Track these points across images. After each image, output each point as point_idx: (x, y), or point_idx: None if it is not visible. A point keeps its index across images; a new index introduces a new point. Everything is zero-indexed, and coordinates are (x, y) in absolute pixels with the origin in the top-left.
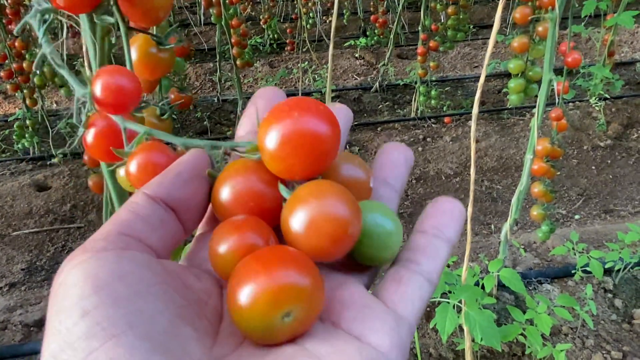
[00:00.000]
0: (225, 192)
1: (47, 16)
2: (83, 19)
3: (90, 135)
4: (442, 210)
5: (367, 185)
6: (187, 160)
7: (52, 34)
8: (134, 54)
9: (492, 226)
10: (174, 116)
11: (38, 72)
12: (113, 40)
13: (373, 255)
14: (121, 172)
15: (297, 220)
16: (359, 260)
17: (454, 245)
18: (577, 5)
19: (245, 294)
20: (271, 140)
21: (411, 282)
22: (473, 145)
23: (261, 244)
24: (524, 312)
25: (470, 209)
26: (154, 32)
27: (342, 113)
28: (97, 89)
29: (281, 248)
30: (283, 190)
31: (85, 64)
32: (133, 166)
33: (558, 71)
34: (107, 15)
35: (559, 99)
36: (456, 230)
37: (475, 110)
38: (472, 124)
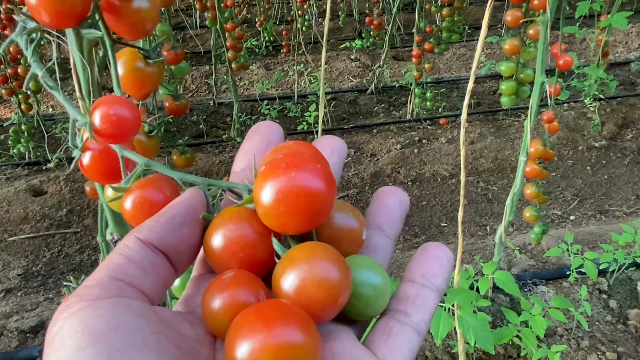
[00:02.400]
0: (217, 240)
1: (34, 35)
2: (69, 33)
3: (86, 158)
4: (430, 258)
5: (359, 236)
6: (182, 203)
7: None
8: (121, 69)
9: (488, 227)
10: (169, 119)
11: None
12: (101, 53)
13: (360, 313)
14: (108, 192)
15: (288, 284)
16: (346, 315)
17: (443, 292)
18: (568, 9)
19: (244, 350)
20: (266, 195)
21: (400, 334)
22: (463, 151)
23: (253, 300)
24: (519, 314)
25: (460, 213)
26: (141, 45)
27: (336, 147)
28: (97, 119)
29: (280, 303)
30: (276, 245)
31: (74, 76)
32: (128, 203)
33: (550, 72)
34: (93, 29)
35: (551, 101)
36: (445, 277)
37: (464, 116)
38: (462, 128)
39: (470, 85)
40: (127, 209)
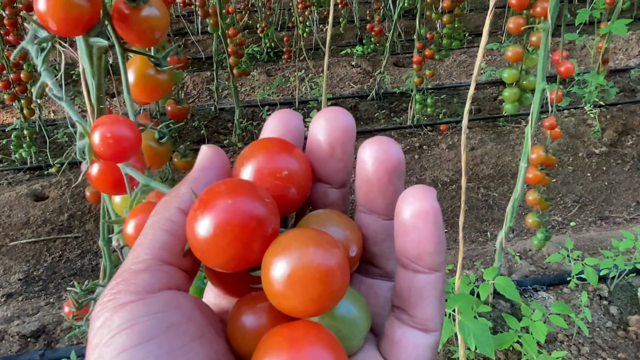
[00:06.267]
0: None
1: (45, 45)
2: (79, 40)
3: (94, 170)
4: (407, 229)
5: (346, 252)
6: (211, 165)
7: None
8: (131, 77)
9: (489, 233)
10: (174, 125)
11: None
12: (110, 60)
13: None
14: (116, 198)
15: (278, 273)
16: None
17: (442, 265)
18: (569, 16)
19: None
20: (200, 230)
21: (403, 342)
22: (464, 158)
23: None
24: (520, 320)
25: (461, 219)
26: (152, 53)
27: (336, 136)
28: (96, 139)
29: (306, 324)
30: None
31: (82, 84)
32: (131, 228)
33: (552, 79)
34: (101, 36)
35: (552, 107)
36: (435, 248)
37: (464, 122)
38: (462, 135)
39: (471, 91)
40: (129, 234)
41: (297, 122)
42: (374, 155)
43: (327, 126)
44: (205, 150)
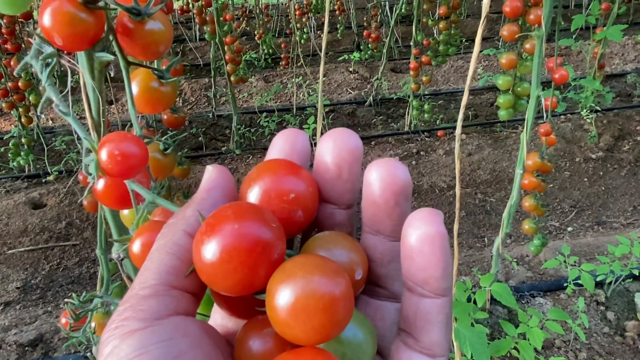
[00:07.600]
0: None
1: (50, 60)
2: (80, 54)
3: (100, 185)
4: (413, 254)
5: (351, 275)
6: (217, 186)
7: None
8: (135, 89)
9: (486, 239)
10: (174, 133)
11: (34, 87)
12: (112, 73)
13: None
14: (124, 211)
15: (283, 300)
16: None
17: (449, 289)
18: (562, 23)
19: None
20: (206, 254)
21: None
22: (457, 165)
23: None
24: (517, 326)
25: (456, 226)
26: (154, 66)
27: (344, 158)
28: (103, 157)
29: (312, 350)
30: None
31: (83, 97)
32: (136, 247)
33: (548, 84)
34: (105, 50)
35: (547, 114)
36: (441, 273)
37: (458, 130)
38: (456, 142)
39: (464, 100)
40: (135, 253)
41: (303, 141)
42: (381, 177)
43: (334, 147)
44: (210, 170)
